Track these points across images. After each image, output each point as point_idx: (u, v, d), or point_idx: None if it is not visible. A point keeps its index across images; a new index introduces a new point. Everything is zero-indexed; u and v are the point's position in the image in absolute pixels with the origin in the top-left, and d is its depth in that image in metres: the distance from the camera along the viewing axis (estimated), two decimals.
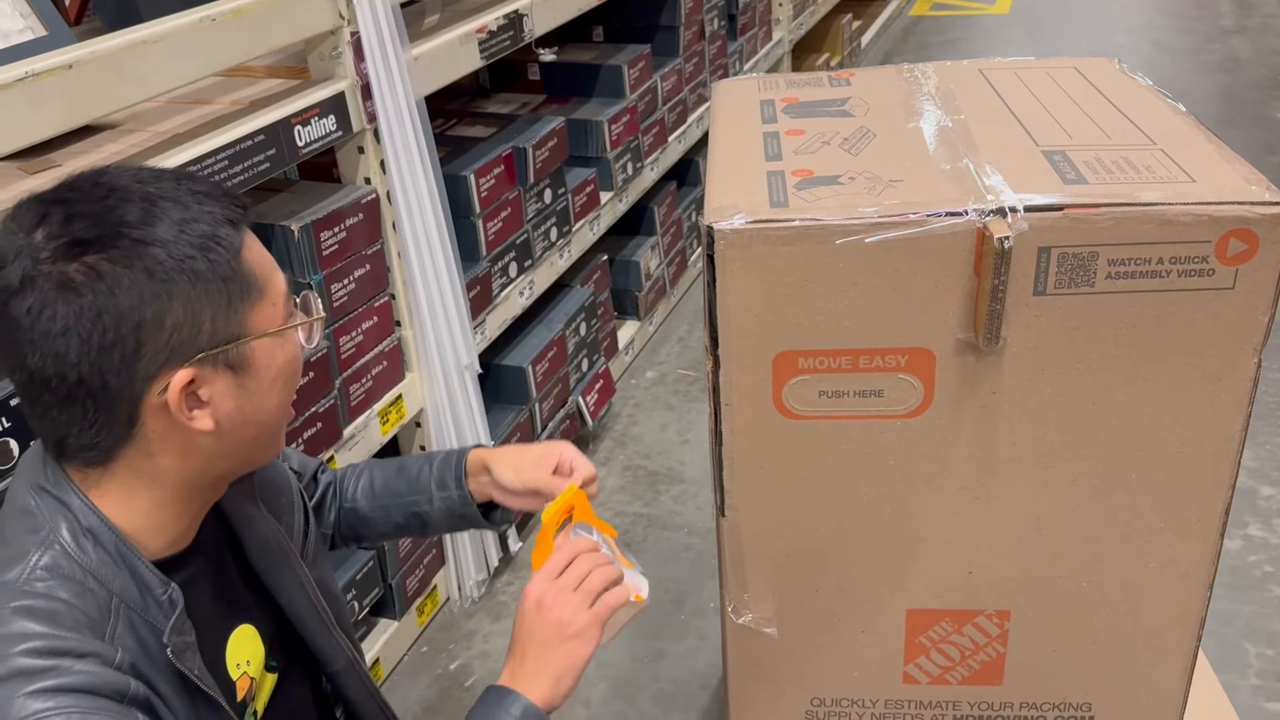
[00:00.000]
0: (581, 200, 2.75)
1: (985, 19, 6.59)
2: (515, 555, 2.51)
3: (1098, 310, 0.99)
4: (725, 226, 0.99)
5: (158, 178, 0.87)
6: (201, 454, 0.91)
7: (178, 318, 0.84)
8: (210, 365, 0.87)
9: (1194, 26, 6.10)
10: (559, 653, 0.98)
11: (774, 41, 4.25)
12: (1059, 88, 1.26)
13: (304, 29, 1.71)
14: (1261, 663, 2.11)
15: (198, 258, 0.84)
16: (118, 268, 0.82)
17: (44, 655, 0.81)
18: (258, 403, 0.92)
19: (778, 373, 1.06)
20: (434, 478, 1.25)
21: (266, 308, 0.90)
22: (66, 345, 0.82)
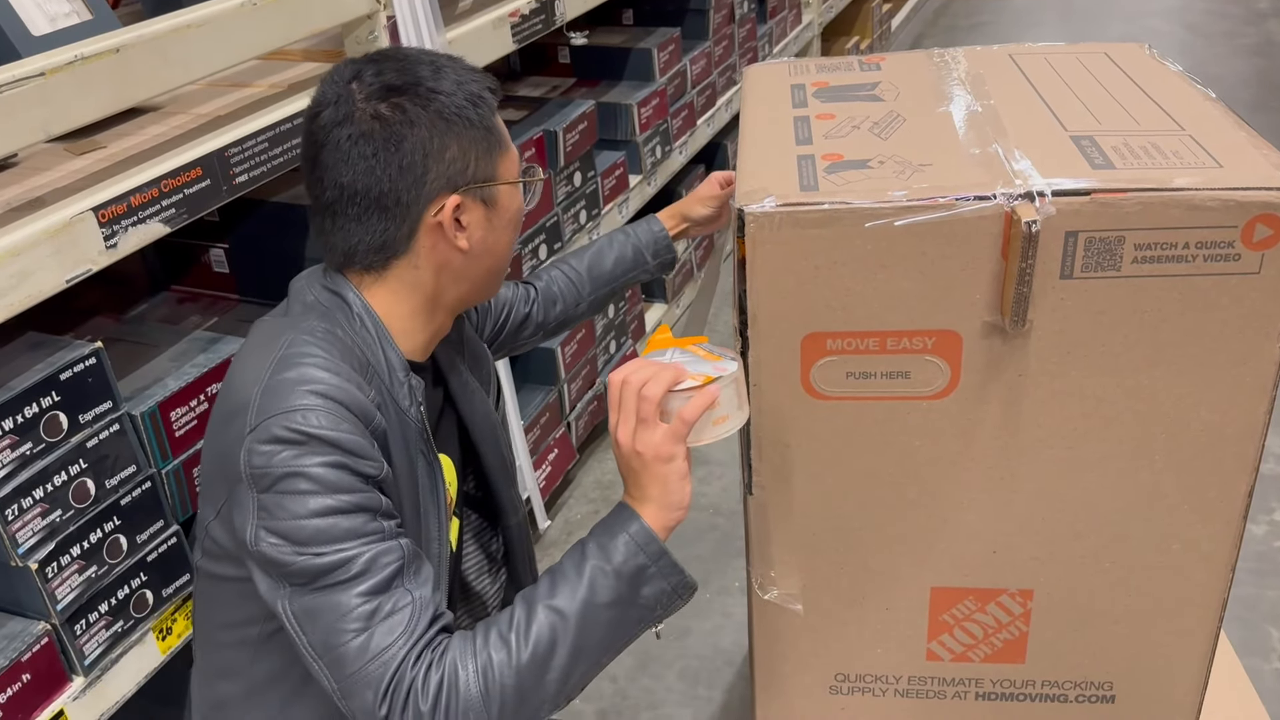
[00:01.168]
0: (611, 183, 2.77)
1: (1016, 2, 6.53)
2: (544, 534, 2.55)
3: (1124, 294, 1.01)
4: (756, 209, 1.01)
5: (435, 53, 1.12)
6: (451, 272, 1.13)
7: (454, 152, 1.07)
8: (472, 196, 1.10)
9: (1229, 10, 6.02)
10: (647, 478, 1.03)
11: (804, 24, 4.24)
12: (1089, 73, 1.26)
13: (341, 13, 1.74)
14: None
15: (469, 108, 1.08)
16: (417, 107, 1.06)
17: (322, 369, 1.04)
18: (497, 236, 1.14)
19: (806, 354, 1.07)
20: (649, 249, 1.58)
21: (510, 161, 1.14)
22: (376, 164, 1.06)
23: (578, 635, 1.01)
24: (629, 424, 1.02)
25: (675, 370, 1.03)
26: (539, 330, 1.58)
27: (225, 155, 1.53)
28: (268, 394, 1.02)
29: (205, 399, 1.55)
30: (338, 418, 1.01)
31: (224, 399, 1.10)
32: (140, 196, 1.40)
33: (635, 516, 1.04)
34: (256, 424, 1.01)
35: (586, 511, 2.63)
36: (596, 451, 2.85)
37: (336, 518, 0.99)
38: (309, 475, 0.99)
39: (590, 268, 1.58)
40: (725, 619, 2.30)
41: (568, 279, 1.58)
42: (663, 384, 1.02)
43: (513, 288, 1.55)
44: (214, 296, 1.93)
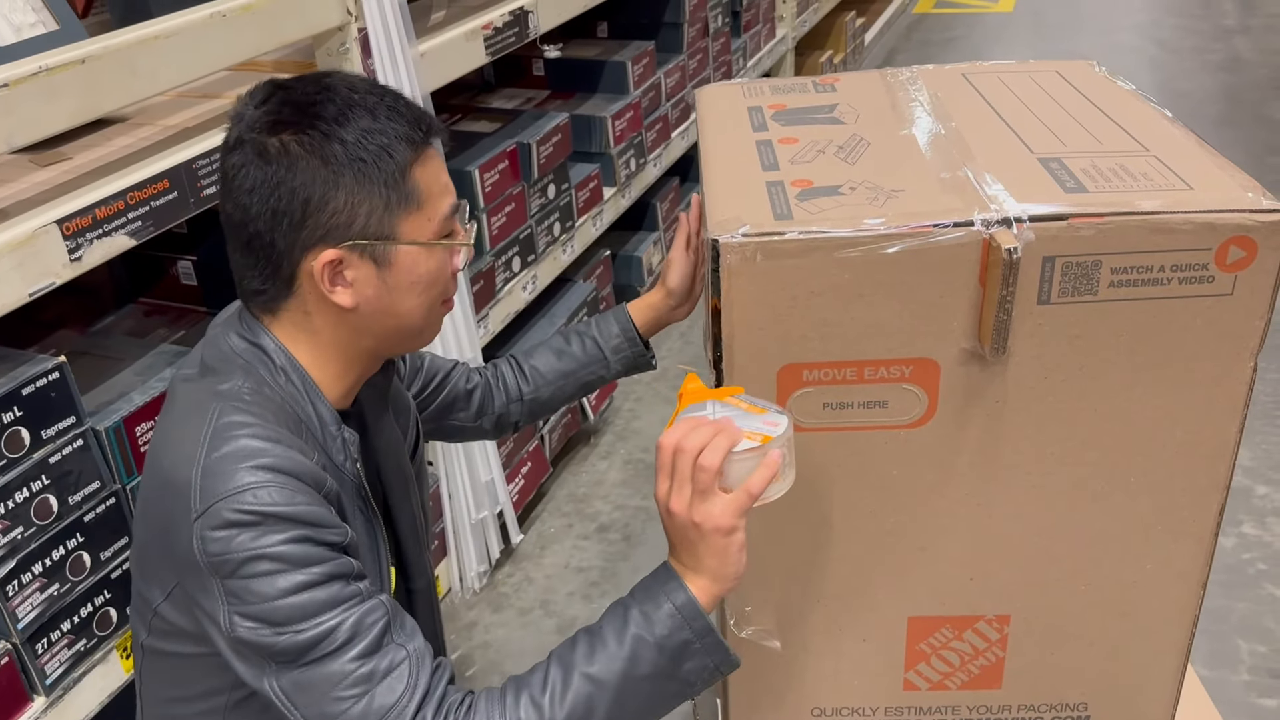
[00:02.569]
0: (585, 195, 2.76)
1: (989, 17, 6.59)
2: (516, 547, 2.54)
3: (1100, 318, 1.00)
4: (730, 240, 0.99)
5: (370, 90, 1.02)
6: (348, 325, 1.05)
7: (338, 204, 0.99)
8: (357, 253, 1.01)
9: (1198, 26, 6.11)
10: (704, 549, 0.97)
11: (777, 39, 4.26)
12: (1044, 92, 1.27)
13: (313, 25, 1.73)
14: (1254, 659, 2.14)
15: (369, 161, 0.99)
16: (302, 150, 0.98)
17: (262, 439, 0.97)
18: (396, 298, 1.04)
19: (782, 386, 1.05)
20: (605, 346, 1.44)
21: (420, 221, 1.03)
22: (251, 201, 0.99)
23: (614, 706, 0.97)
24: (684, 493, 0.96)
25: (731, 434, 0.96)
26: (477, 419, 1.45)
27: (193, 167, 1.51)
28: (208, 475, 0.95)
29: None
30: (290, 490, 0.95)
31: (154, 473, 1.02)
32: (106, 209, 1.38)
33: (682, 587, 0.99)
34: (203, 509, 0.94)
35: (559, 525, 2.62)
36: (570, 464, 2.84)
37: (311, 592, 0.94)
38: (273, 555, 0.93)
39: (547, 367, 1.46)
40: None
41: (519, 374, 1.46)
42: (721, 452, 0.94)
43: (463, 366, 1.45)
44: (182, 309, 1.91)
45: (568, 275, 2.85)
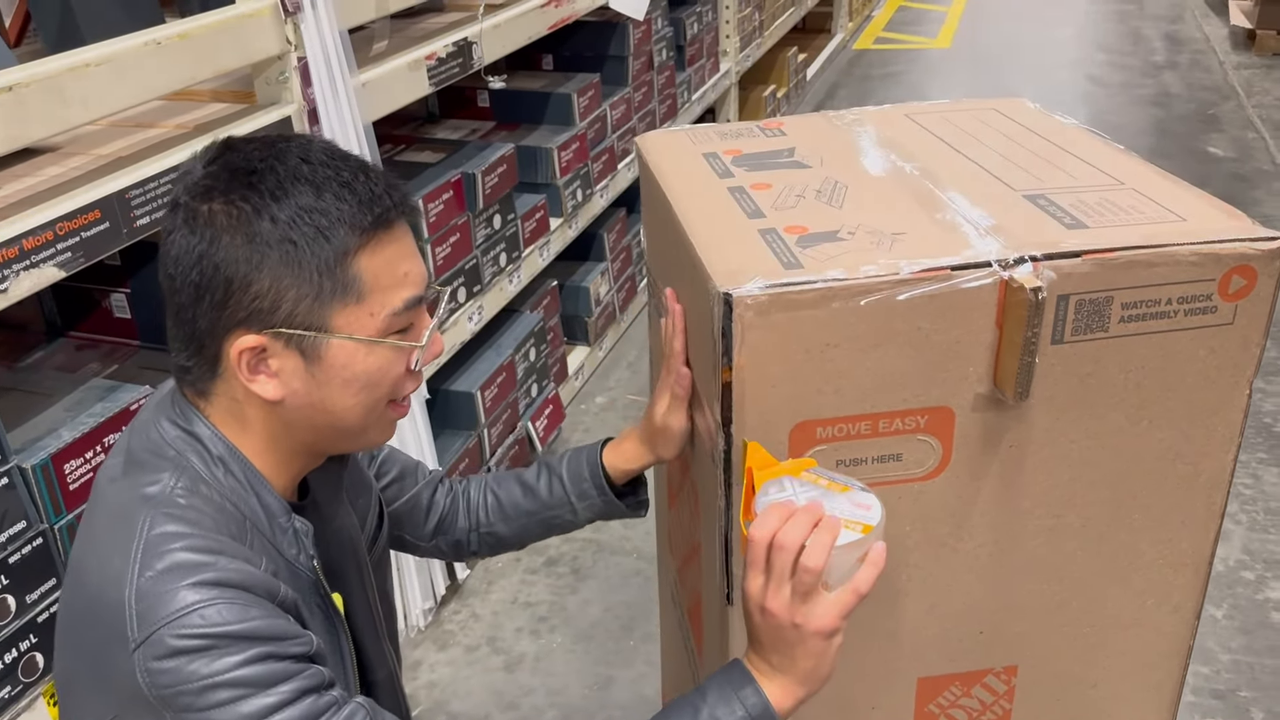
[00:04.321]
0: (531, 226, 2.75)
1: (927, 52, 6.73)
2: (463, 583, 2.49)
3: (1110, 354, 0.99)
4: (744, 293, 0.92)
5: (326, 162, 0.91)
6: (279, 418, 0.95)
7: (262, 287, 0.88)
8: (282, 342, 0.91)
9: (1128, 62, 6.29)
10: (801, 651, 0.92)
11: (721, 73, 4.30)
12: (992, 129, 1.27)
13: (251, 54, 1.71)
14: (1198, 680, 2.16)
15: (300, 244, 0.88)
16: (230, 223, 0.88)
17: (201, 552, 0.87)
18: (328, 394, 0.93)
19: (795, 445, 1.00)
20: (571, 490, 1.25)
21: (360, 315, 0.92)
22: (176, 271, 0.90)
23: None
24: (783, 593, 0.89)
25: (832, 527, 0.89)
26: (433, 538, 1.29)
27: (126, 197, 1.48)
28: (145, 597, 0.84)
29: (102, 450, 1.48)
30: (242, 605, 0.85)
31: (78, 590, 0.91)
32: (34, 240, 1.34)
33: (759, 692, 0.93)
34: (144, 637, 0.83)
35: (507, 560, 2.58)
36: None
37: (284, 712, 0.85)
38: (233, 681, 0.83)
39: (509, 501, 1.29)
40: (649, 667, 2.26)
41: (484, 500, 1.30)
42: (826, 550, 0.88)
43: (431, 474, 1.30)
44: (114, 343, 1.86)
45: (514, 306, 2.83)
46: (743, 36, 4.51)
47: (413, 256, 0.95)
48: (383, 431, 1.00)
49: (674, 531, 1.43)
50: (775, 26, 5.03)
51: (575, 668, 2.27)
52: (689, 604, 1.36)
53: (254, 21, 1.69)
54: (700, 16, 3.96)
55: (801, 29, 6.31)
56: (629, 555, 2.58)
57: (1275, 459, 2.79)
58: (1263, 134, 5.03)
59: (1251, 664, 2.19)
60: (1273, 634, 2.25)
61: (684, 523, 1.33)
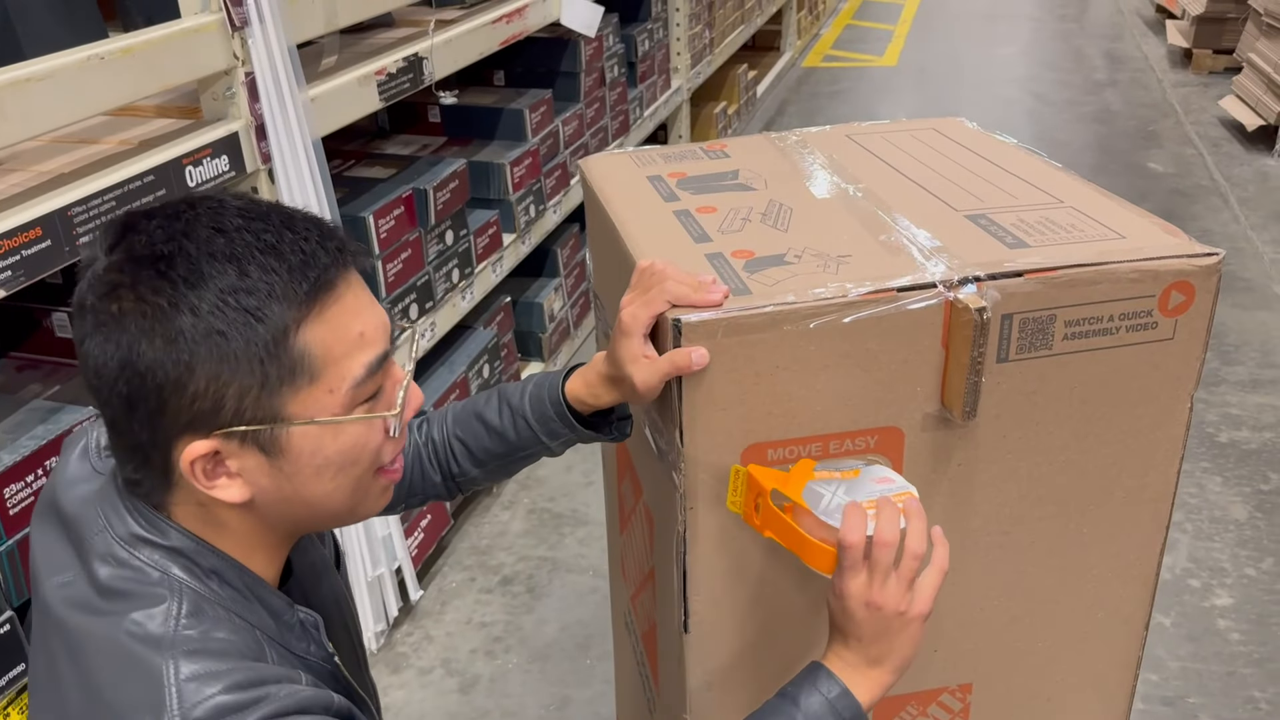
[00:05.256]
0: (484, 242, 2.74)
1: (874, 70, 6.82)
2: (416, 604, 2.46)
3: (1054, 372, 1.01)
4: (693, 319, 0.93)
5: (243, 227, 0.78)
6: (254, 516, 0.84)
7: (198, 388, 0.76)
8: (236, 441, 0.79)
9: (1071, 79, 6.42)
10: (904, 639, 0.93)
11: (673, 89, 4.32)
12: (932, 150, 1.28)
13: (197, 69, 1.68)
14: (1147, 687, 2.19)
15: (229, 333, 0.76)
16: (145, 323, 0.75)
17: (245, 689, 0.77)
18: (299, 485, 0.82)
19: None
20: (539, 430, 1.11)
21: (318, 394, 0.79)
22: (99, 383, 0.77)
23: None
24: (890, 585, 0.91)
25: (920, 514, 0.92)
26: (410, 497, 1.20)
27: (68, 215, 1.44)
28: None
29: (44, 473, 1.44)
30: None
31: None
32: None
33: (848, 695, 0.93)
34: None
35: (461, 579, 2.55)
36: (471, 515, 2.78)
37: None
38: None
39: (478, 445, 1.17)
40: (606, 686, 2.24)
41: (450, 447, 1.19)
42: (924, 536, 0.91)
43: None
44: (56, 363, 1.81)
45: (468, 322, 2.81)
46: (694, 54, 4.53)
47: (366, 311, 0.82)
48: (376, 501, 0.89)
49: (625, 557, 1.42)
50: (725, 44, 5.07)
51: (531, 688, 2.25)
52: (644, 630, 1.34)
53: (200, 36, 1.67)
54: (651, 34, 3.98)
55: (751, 47, 6.36)
56: (585, 573, 2.56)
57: (1218, 468, 2.85)
58: (1200, 150, 5.15)
59: (1199, 670, 2.22)
60: (1219, 641, 2.29)
61: (636, 549, 1.32)
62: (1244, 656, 2.25)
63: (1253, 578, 2.47)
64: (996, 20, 8.05)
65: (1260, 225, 4.31)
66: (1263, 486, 2.77)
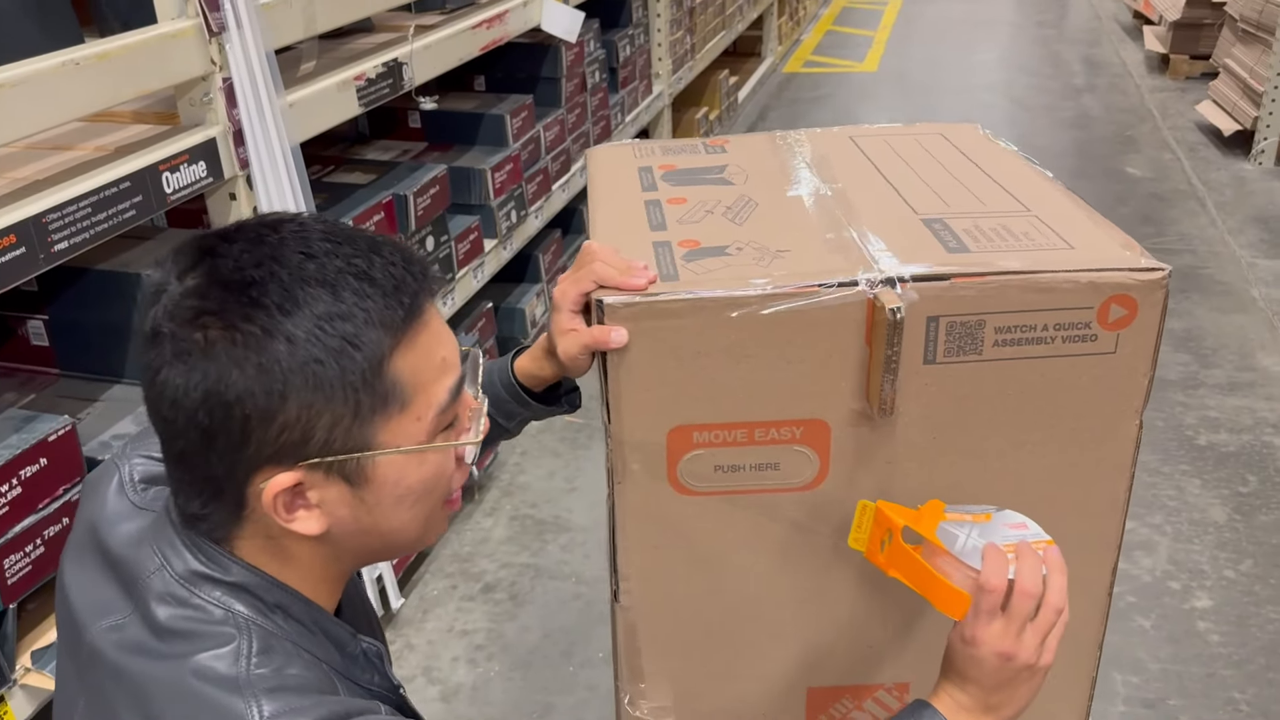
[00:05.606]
0: (465, 248, 2.73)
1: (855, 76, 6.85)
2: (397, 613, 2.45)
3: (986, 377, 1.00)
4: (615, 301, 0.96)
5: (331, 251, 0.76)
6: (326, 549, 0.82)
7: (289, 418, 0.74)
8: (321, 473, 0.77)
9: (1049, 85, 6.46)
10: (1027, 689, 0.92)
11: (654, 95, 4.33)
12: (929, 155, 1.28)
13: (173, 75, 1.67)
14: (1128, 689, 2.20)
15: (326, 361, 0.74)
16: (236, 351, 0.72)
17: (340, 719, 0.75)
18: (379, 516, 0.81)
19: (672, 448, 1.03)
20: (497, 415, 1.13)
21: (406, 422, 0.78)
22: (176, 414, 0.75)
23: None
24: (1026, 637, 0.90)
25: (1062, 567, 0.93)
26: None
27: (43, 221, 1.43)
28: None
29: (19, 483, 1.43)
30: None
31: None
32: None
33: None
34: None
35: (442, 587, 2.54)
36: (454, 523, 2.77)
37: None
38: None
39: None
40: (590, 693, 2.24)
41: None
42: (1064, 591, 0.91)
43: None
44: (32, 371, 1.80)
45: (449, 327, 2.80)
46: (675, 59, 4.54)
47: (445, 336, 0.82)
48: (438, 530, 0.88)
49: None
50: (707, 49, 5.08)
51: (514, 697, 2.24)
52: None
53: (177, 42, 1.65)
54: (632, 39, 3.98)
55: (732, 52, 6.38)
56: (568, 580, 2.56)
57: (1197, 471, 2.87)
58: (1178, 155, 5.20)
59: (1180, 672, 2.23)
60: (1199, 643, 2.31)
61: None
62: (1224, 658, 2.26)
63: (1232, 580, 2.48)
64: (976, 26, 8.10)
65: (1237, 229, 4.35)
66: (1241, 489, 2.79)
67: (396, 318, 0.76)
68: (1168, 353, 3.45)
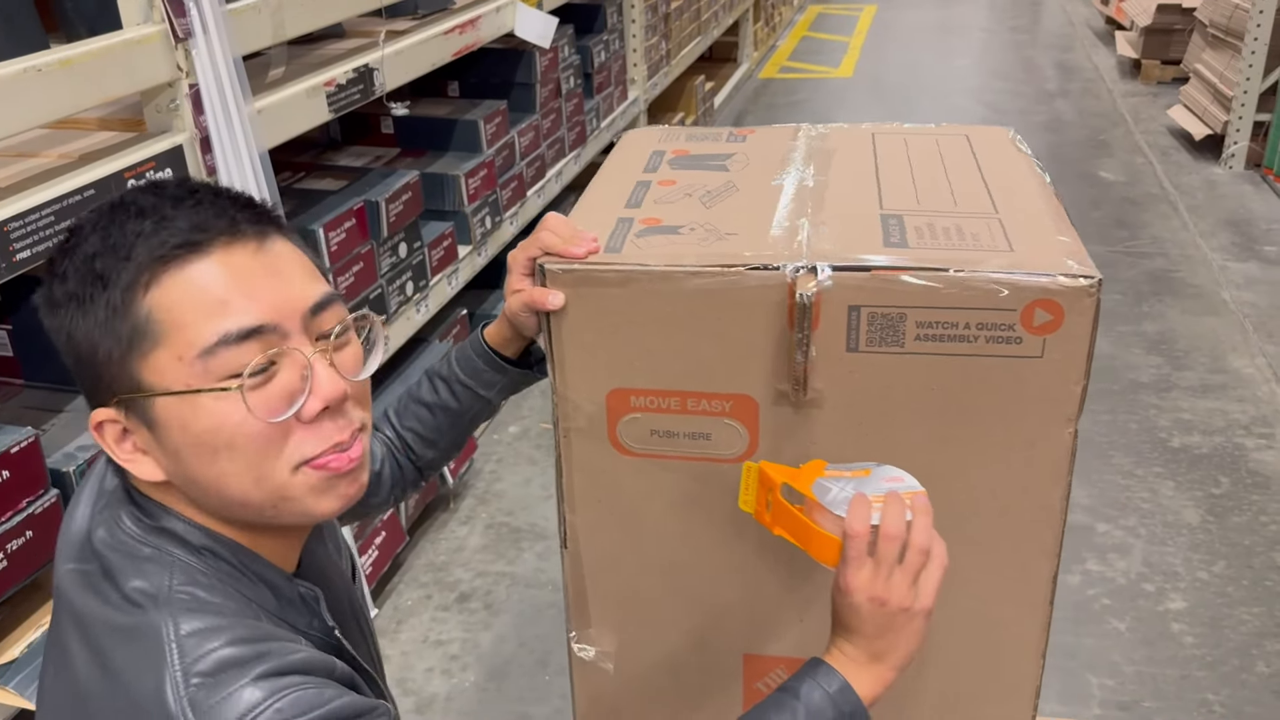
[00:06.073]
0: (439, 254, 2.71)
1: (830, 81, 6.87)
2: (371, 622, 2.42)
3: (909, 370, 1.02)
4: (555, 266, 1.04)
5: (138, 195, 0.81)
6: (210, 499, 0.83)
7: (83, 351, 0.80)
8: (123, 412, 0.80)
9: (1023, 89, 6.51)
10: (909, 633, 0.93)
11: (630, 100, 4.32)
12: (938, 155, 1.28)
13: (139, 81, 1.65)
14: (1103, 693, 2.20)
15: (82, 295, 0.78)
16: (50, 296, 0.81)
17: (247, 643, 0.77)
18: (189, 466, 0.80)
19: (612, 409, 1.08)
20: (479, 387, 1.17)
21: (166, 360, 0.77)
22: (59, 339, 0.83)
23: None
24: (894, 579, 0.91)
25: (927, 509, 0.93)
26: (388, 499, 1.21)
27: (4, 230, 1.41)
28: (202, 709, 0.73)
29: None
30: (315, 688, 0.76)
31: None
32: None
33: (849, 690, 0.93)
34: None
35: (417, 597, 2.52)
36: (428, 532, 2.75)
37: None
38: None
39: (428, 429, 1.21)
40: (564, 701, 2.21)
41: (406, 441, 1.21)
42: (929, 531, 0.92)
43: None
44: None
45: (423, 335, 2.79)
46: (650, 65, 4.54)
47: (255, 282, 0.79)
48: (317, 500, 0.83)
49: None
50: (682, 55, 5.08)
51: (489, 707, 2.22)
52: None
53: (142, 48, 1.63)
54: (607, 44, 3.98)
55: (708, 58, 6.38)
56: (544, 588, 2.54)
57: (1171, 473, 2.88)
58: (1150, 159, 5.24)
59: (1154, 675, 2.24)
60: (1174, 645, 2.32)
61: None
62: (1197, 660, 2.27)
63: (1205, 581, 2.50)
64: (950, 32, 8.15)
65: (1209, 232, 4.38)
66: (1214, 490, 2.81)
67: (161, 252, 0.77)
68: (1140, 355, 3.47)
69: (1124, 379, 3.33)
